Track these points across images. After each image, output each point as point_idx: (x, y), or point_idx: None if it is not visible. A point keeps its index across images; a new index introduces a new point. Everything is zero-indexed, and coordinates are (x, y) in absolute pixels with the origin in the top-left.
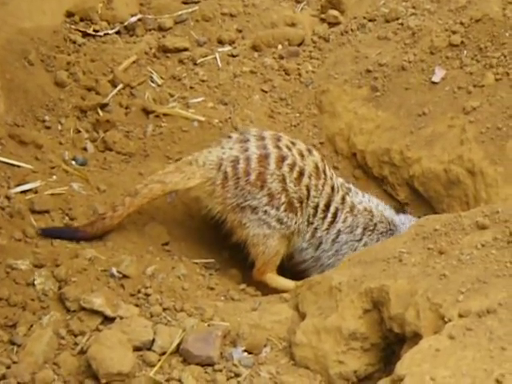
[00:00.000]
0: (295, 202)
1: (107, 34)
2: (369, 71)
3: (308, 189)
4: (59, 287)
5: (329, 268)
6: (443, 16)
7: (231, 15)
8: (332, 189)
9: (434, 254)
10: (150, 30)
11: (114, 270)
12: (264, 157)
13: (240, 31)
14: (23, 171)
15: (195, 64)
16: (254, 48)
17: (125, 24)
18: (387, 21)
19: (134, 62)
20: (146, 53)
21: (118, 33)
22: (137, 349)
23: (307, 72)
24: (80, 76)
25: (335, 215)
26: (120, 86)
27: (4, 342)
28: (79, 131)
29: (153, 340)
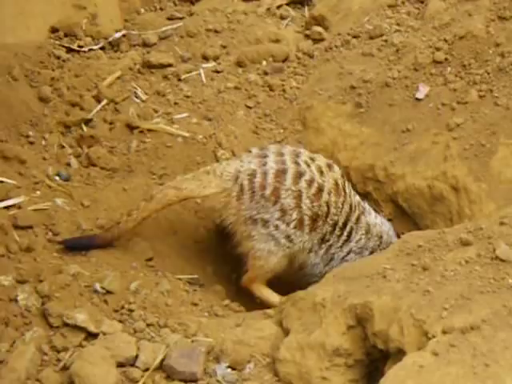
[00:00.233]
0: (306, 220)
1: (92, 50)
2: (353, 87)
3: (328, 205)
4: (42, 303)
5: None
6: (427, 33)
7: (216, 31)
8: (350, 207)
9: (418, 270)
10: (135, 46)
11: (98, 286)
12: (281, 172)
13: (224, 47)
14: (6, 186)
15: (179, 80)
16: (239, 64)
17: (109, 40)
18: (371, 37)
19: (119, 78)
20: (131, 68)
21: (103, 48)
22: (120, 365)
23: (291, 88)
24: (64, 91)
25: (350, 234)
26: (104, 102)
27: None
28: (63, 147)
29: (136, 356)
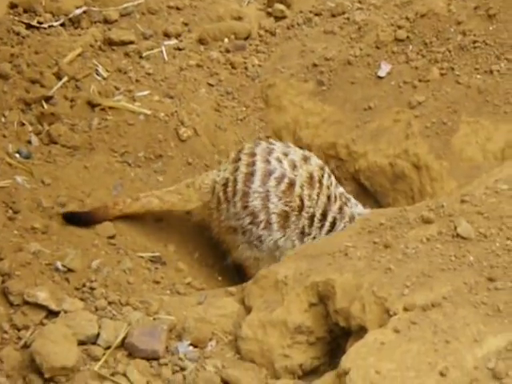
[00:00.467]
0: (274, 218)
1: (52, 26)
2: (315, 65)
3: (302, 199)
4: (2, 281)
5: None
6: (389, 11)
7: (177, 8)
8: (328, 198)
9: (380, 248)
10: (96, 23)
11: (59, 264)
12: (250, 175)
13: (186, 24)
14: None
15: (141, 57)
16: (201, 41)
17: (70, 16)
18: (333, 15)
19: (79, 55)
20: (92, 45)
21: (63, 25)
22: (81, 343)
23: (253, 66)
24: (24, 68)
25: (333, 224)
26: (65, 79)
27: None
28: (23, 124)
29: (98, 334)
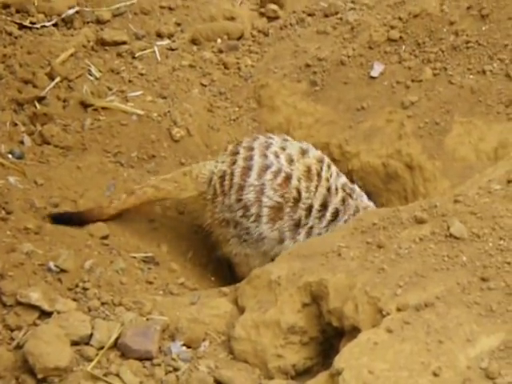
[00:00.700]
0: (265, 211)
1: (44, 27)
2: (308, 66)
3: (299, 191)
4: None
5: None
6: (382, 11)
7: (170, 8)
8: (328, 190)
9: (373, 248)
10: (88, 23)
11: (52, 264)
12: (247, 169)
13: (179, 25)
14: None
15: (134, 57)
16: (193, 42)
17: (62, 16)
18: (326, 15)
19: (72, 55)
20: (84, 46)
21: (56, 25)
22: (74, 343)
23: (246, 66)
24: (17, 68)
25: (336, 215)
26: (57, 79)
27: None
28: (16, 124)
29: (91, 334)
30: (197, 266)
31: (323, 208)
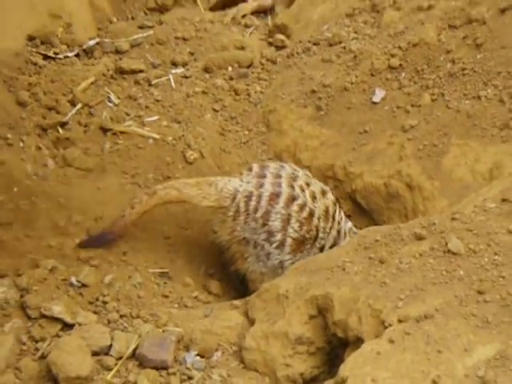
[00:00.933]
0: (289, 241)
1: (67, 57)
2: (313, 92)
3: (317, 230)
4: (21, 296)
5: None
6: (383, 40)
7: (184, 39)
8: (338, 233)
9: (375, 263)
10: (108, 53)
11: (74, 279)
12: (275, 195)
13: (192, 54)
14: None
15: (150, 85)
16: (206, 70)
17: (83, 47)
18: (330, 44)
19: (93, 83)
20: (104, 74)
21: (77, 55)
22: (95, 354)
23: (256, 92)
24: (41, 96)
25: None
26: (79, 106)
27: None
28: (40, 148)
29: (110, 345)
30: (209, 281)
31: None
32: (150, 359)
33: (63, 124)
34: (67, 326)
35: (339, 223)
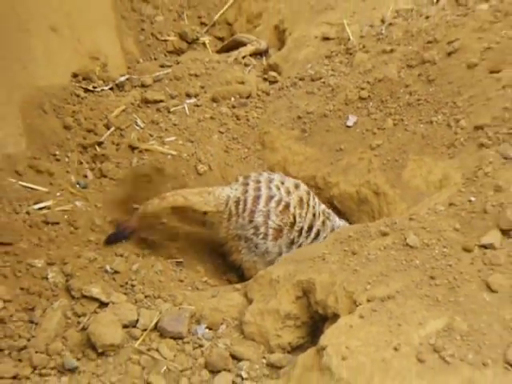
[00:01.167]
0: (270, 231)
1: (103, 90)
2: (299, 117)
3: (294, 217)
4: (66, 280)
5: None
6: (354, 77)
7: (196, 75)
8: (313, 215)
9: (349, 255)
10: (135, 87)
11: (108, 267)
12: (257, 197)
13: (203, 87)
14: (39, 193)
15: (169, 112)
16: (213, 100)
17: (116, 82)
18: (313, 80)
19: (123, 111)
20: (132, 103)
21: (111, 89)
22: (125, 326)
23: (253, 118)
24: (82, 121)
25: (318, 234)
26: (112, 129)
27: (25, 322)
28: (81, 162)
29: (137, 320)
30: (216, 268)
31: (309, 229)
32: (169, 331)
33: (100, 143)
34: (103, 305)
35: (314, 207)
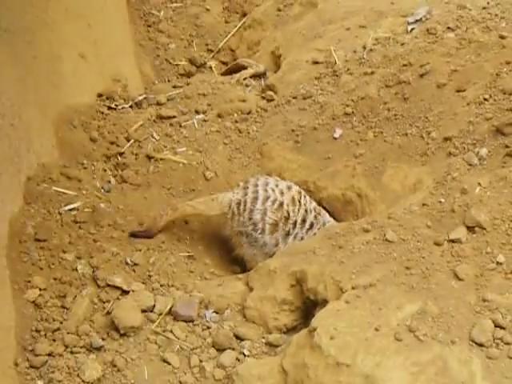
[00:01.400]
0: (267, 226)
1: (124, 108)
2: (293, 130)
3: (288, 213)
4: (93, 271)
5: None
6: (340, 95)
7: (204, 95)
8: (306, 211)
9: (336, 248)
10: (151, 105)
11: (129, 260)
12: (255, 198)
13: (209, 105)
14: (70, 196)
15: (180, 126)
16: (219, 116)
17: (135, 101)
18: (304, 98)
19: (141, 125)
20: (149, 119)
21: (131, 107)
22: (143, 311)
23: (253, 131)
24: (106, 135)
25: (312, 225)
26: (132, 141)
27: (58, 307)
28: (105, 170)
29: (154, 305)
30: (222, 261)
31: (303, 222)
32: (181, 315)
33: (121, 153)
34: (124, 292)
35: (305, 204)
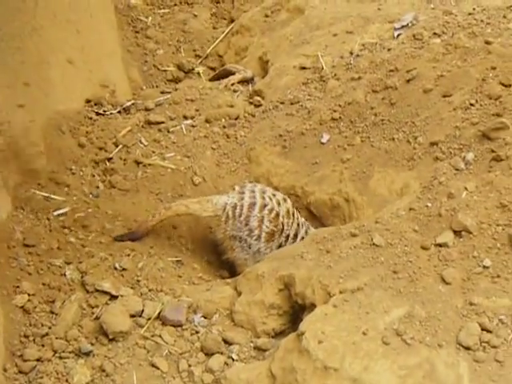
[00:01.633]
0: (263, 234)
1: (112, 113)
2: (280, 135)
3: (283, 225)
4: (81, 276)
5: None
6: (328, 100)
7: (192, 100)
8: (298, 225)
9: (323, 253)
10: (140, 110)
11: (117, 265)
12: (252, 204)
13: (197, 110)
14: (58, 201)
15: (168, 131)
16: (207, 121)
17: (123, 106)
18: (292, 103)
19: (130, 131)
20: (137, 125)
21: (119, 112)
22: (132, 316)
23: (241, 136)
24: (94, 140)
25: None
26: (120, 146)
27: (46, 312)
28: (94, 175)
29: (142, 310)
30: (210, 266)
31: (295, 236)
32: (170, 319)
33: (109, 159)
34: (113, 297)
35: (298, 218)
